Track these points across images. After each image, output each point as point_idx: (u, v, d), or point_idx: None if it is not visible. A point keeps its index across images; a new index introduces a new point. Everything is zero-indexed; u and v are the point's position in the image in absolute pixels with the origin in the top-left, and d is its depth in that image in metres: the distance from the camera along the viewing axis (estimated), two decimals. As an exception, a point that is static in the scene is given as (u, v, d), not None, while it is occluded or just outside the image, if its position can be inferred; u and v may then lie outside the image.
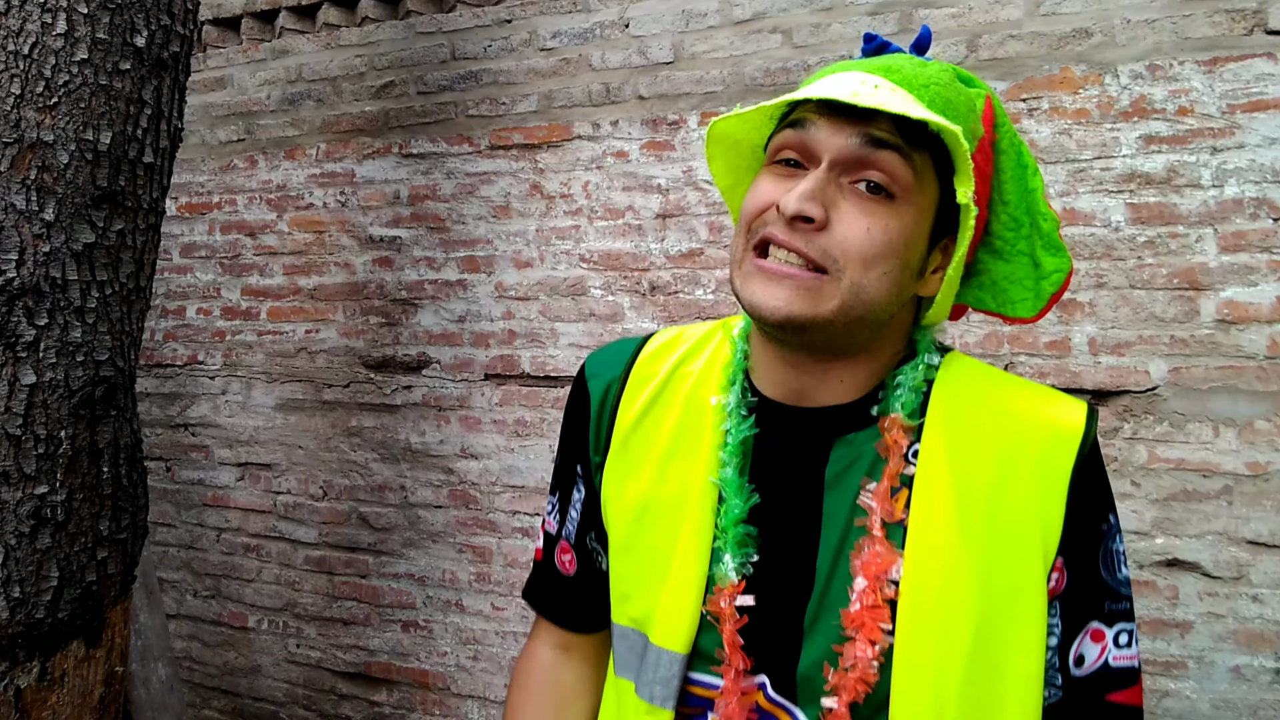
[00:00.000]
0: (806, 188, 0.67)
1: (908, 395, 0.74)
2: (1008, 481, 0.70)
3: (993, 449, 0.71)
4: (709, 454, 0.77)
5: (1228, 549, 1.89)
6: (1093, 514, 0.72)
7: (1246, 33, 1.87)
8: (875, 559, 0.69)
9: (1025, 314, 0.80)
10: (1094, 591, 0.72)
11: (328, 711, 2.86)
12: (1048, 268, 0.77)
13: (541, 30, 2.52)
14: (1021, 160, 0.78)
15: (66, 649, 1.68)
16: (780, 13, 2.26)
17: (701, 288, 2.35)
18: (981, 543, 0.69)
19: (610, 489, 0.83)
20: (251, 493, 2.97)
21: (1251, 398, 1.88)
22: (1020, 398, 0.75)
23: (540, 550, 0.94)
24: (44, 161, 1.62)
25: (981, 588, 0.68)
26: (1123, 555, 0.74)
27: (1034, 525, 0.69)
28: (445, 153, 2.66)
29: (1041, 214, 0.77)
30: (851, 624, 0.69)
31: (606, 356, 0.89)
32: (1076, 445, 0.71)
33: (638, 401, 0.83)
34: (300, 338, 2.87)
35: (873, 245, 0.67)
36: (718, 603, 0.73)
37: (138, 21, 1.71)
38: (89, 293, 1.68)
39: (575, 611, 0.92)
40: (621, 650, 0.81)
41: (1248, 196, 1.87)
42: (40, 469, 1.62)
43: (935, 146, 0.70)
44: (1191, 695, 1.92)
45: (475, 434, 2.63)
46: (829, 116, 0.69)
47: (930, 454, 0.71)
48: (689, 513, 0.76)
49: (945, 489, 0.70)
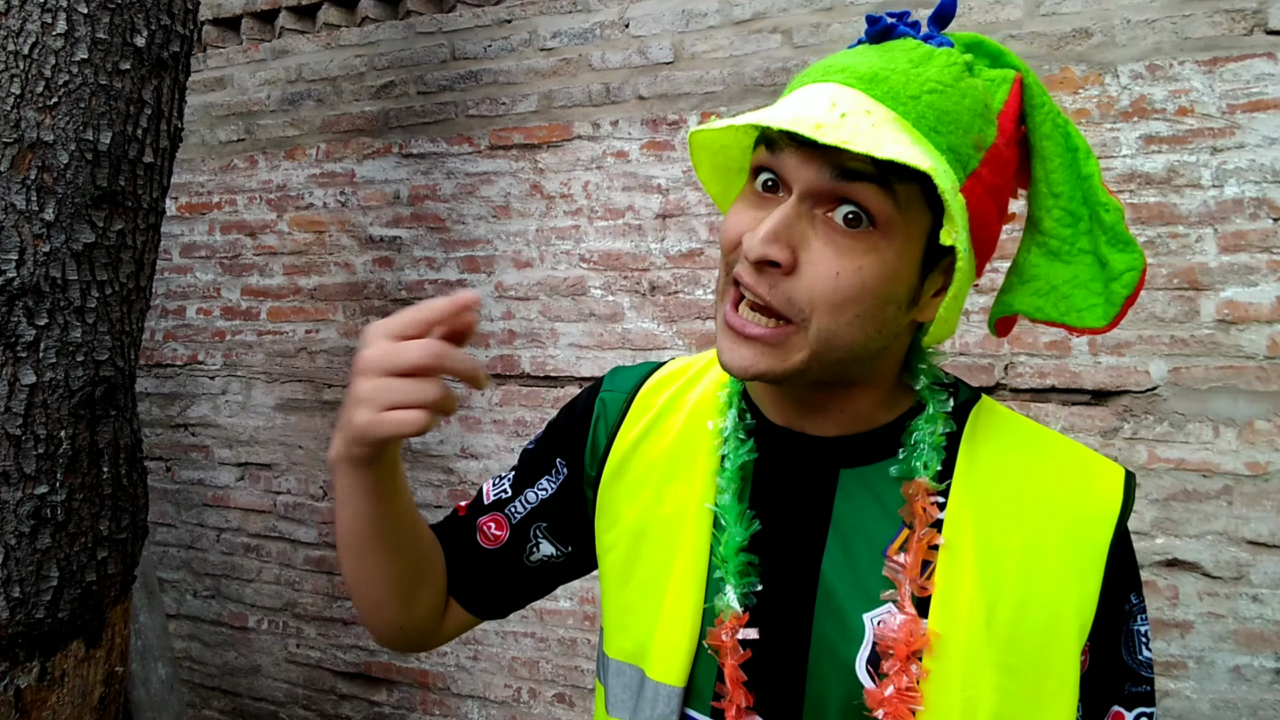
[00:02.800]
0: (770, 228, 0.61)
1: (929, 455, 0.68)
2: (1039, 553, 0.66)
3: (1023, 517, 0.67)
4: (705, 479, 0.74)
5: (1228, 549, 1.89)
6: (1121, 592, 0.68)
7: (1246, 33, 1.87)
8: (908, 637, 0.64)
9: (1095, 323, 0.69)
10: (1115, 674, 0.69)
11: (328, 711, 2.86)
12: (1117, 267, 0.67)
13: (541, 30, 2.52)
14: (1070, 143, 0.68)
15: (66, 649, 1.68)
16: (780, 13, 2.25)
17: (701, 288, 2.35)
18: (1008, 620, 0.64)
19: (605, 517, 0.80)
20: (251, 493, 2.97)
21: (1251, 398, 1.88)
22: (1055, 461, 0.69)
23: (464, 507, 0.88)
24: (44, 161, 1.62)
25: (1006, 667, 0.64)
26: (1145, 636, 0.70)
27: (1068, 601, 0.64)
28: (445, 153, 2.66)
29: (1102, 204, 0.67)
30: (878, 705, 0.64)
31: (625, 376, 0.86)
32: (1115, 521, 0.66)
33: (635, 430, 0.80)
34: (300, 338, 2.87)
35: (842, 290, 0.61)
36: (719, 635, 0.69)
37: (138, 21, 1.71)
38: (89, 293, 1.68)
39: (469, 582, 0.85)
40: (617, 689, 0.77)
41: (1248, 196, 1.87)
42: (40, 469, 1.62)
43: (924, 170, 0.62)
44: (1191, 695, 1.92)
45: (475, 434, 2.63)
46: (797, 145, 0.62)
47: (956, 522, 0.67)
48: (685, 539, 0.73)
49: (970, 561, 0.66)
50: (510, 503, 0.85)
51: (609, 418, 0.83)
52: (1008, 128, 0.66)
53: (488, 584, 0.86)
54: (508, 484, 0.87)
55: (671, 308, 2.38)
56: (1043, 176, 0.69)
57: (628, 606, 0.76)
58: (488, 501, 0.86)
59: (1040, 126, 0.68)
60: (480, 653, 2.63)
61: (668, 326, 2.39)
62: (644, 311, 2.41)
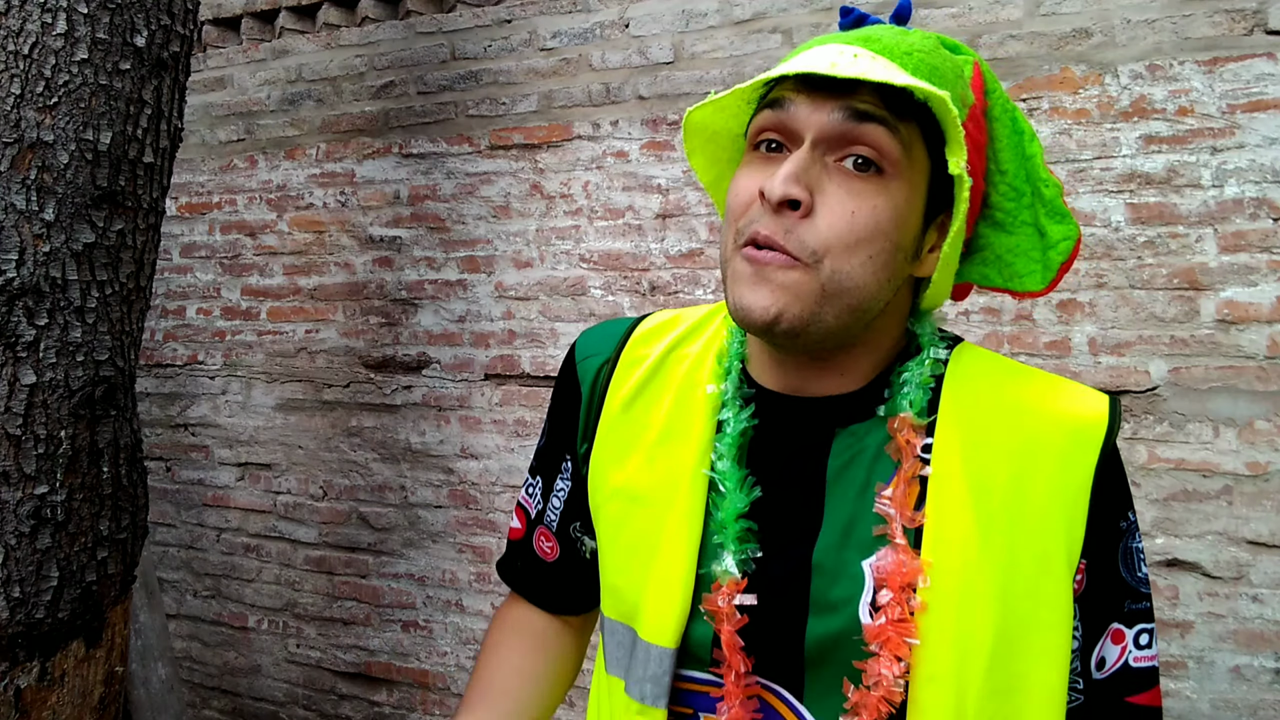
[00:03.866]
0: (789, 170, 0.63)
1: (915, 392, 0.70)
2: (1027, 480, 0.67)
3: (1010, 446, 0.68)
4: (702, 444, 0.73)
5: (1228, 549, 1.89)
6: (1114, 512, 0.69)
7: (1246, 33, 1.87)
8: (900, 569, 0.65)
9: (1034, 287, 0.75)
10: (1114, 591, 0.70)
11: (328, 711, 2.86)
12: (1054, 236, 0.73)
13: (541, 30, 2.52)
14: (1017, 126, 0.73)
15: (66, 649, 1.68)
16: (780, 13, 2.26)
17: (701, 288, 2.35)
18: (1002, 547, 0.65)
19: (596, 477, 0.80)
20: (251, 493, 2.97)
21: (1251, 398, 1.88)
22: (1037, 390, 0.71)
23: (519, 530, 0.91)
24: (44, 161, 1.62)
25: (1002, 595, 0.64)
26: (1141, 553, 0.71)
27: (1057, 526, 0.66)
28: (445, 153, 2.66)
29: (1043, 180, 0.73)
30: (875, 638, 0.65)
31: (597, 336, 0.85)
32: (1100, 441, 0.67)
33: (627, 384, 0.79)
34: (300, 338, 2.87)
35: (857, 230, 0.63)
36: (715, 600, 0.69)
37: (138, 21, 1.71)
38: (89, 293, 1.68)
39: (557, 595, 0.90)
40: (611, 646, 0.78)
41: (1248, 196, 1.87)
42: (40, 469, 1.62)
43: (923, 117, 0.66)
44: (1191, 695, 1.92)
45: (475, 434, 2.63)
46: (808, 93, 0.65)
47: (944, 454, 0.68)
48: (678, 502, 0.73)
49: (961, 491, 0.66)
50: (545, 513, 0.88)
51: (592, 382, 0.82)
52: (979, 97, 0.71)
53: (570, 588, 0.89)
54: (538, 493, 0.89)
55: (671, 308, 2.38)
56: (992, 156, 0.74)
57: (619, 567, 0.77)
58: (533, 516, 0.89)
59: (992, 109, 0.73)
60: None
61: (668, 326, 2.38)
62: (644, 311, 2.41)
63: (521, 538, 0.90)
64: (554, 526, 0.87)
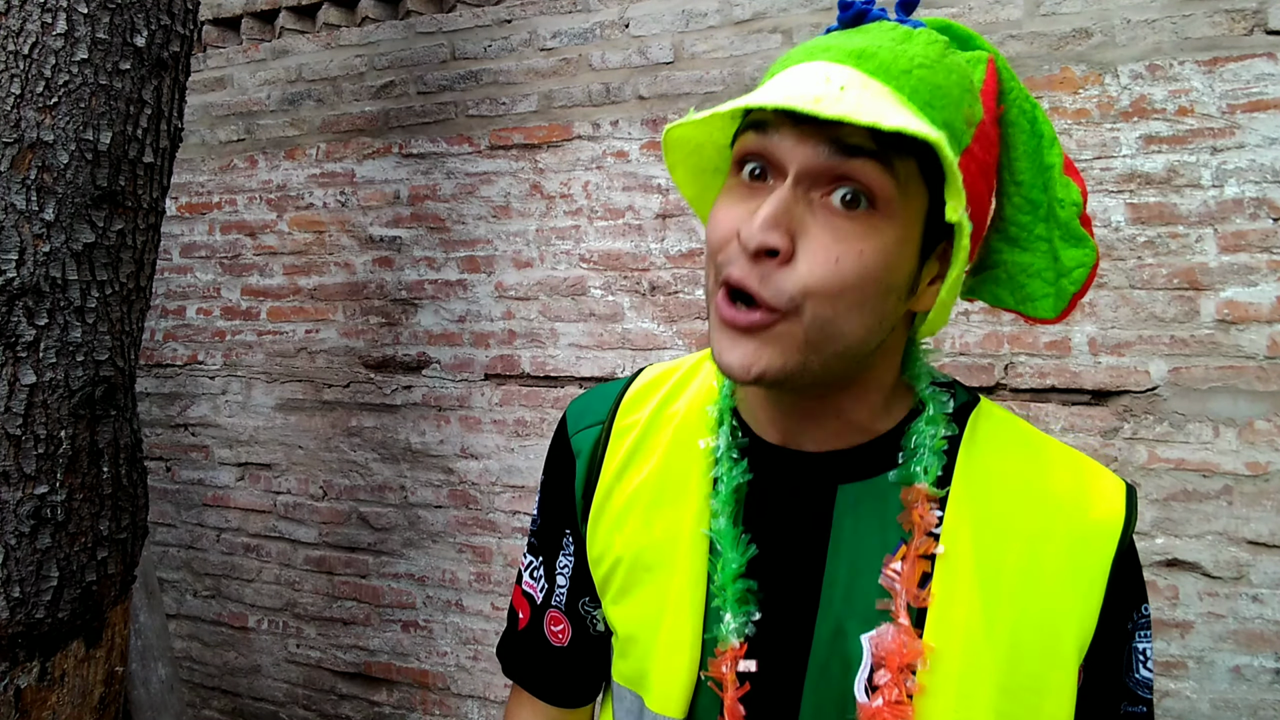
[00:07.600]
0: (767, 214, 0.58)
1: (930, 460, 0.66)
2: (1038, 568, 0.64)
3: (1023, 529, 0.65)
4: (699, 502, 0.71)
5: (1228, 549, 1.89)
6: (1125, 610, 0.66)
7: (1246, 33, 1.87)
8: (900, 649, 0.63)
9: (1046, 314, 0.70)
10: (1112, 693, 0.67)
11: (328, 711, 2.86)
12: (1067, 262, 0.67)
13: (541, 30, 2.52)
14: (1035, 129, 0.67)
15: (66, 649, 1.68)
16: (780, 13, 2.26)
17: (701, 287, 2.35)
18: (1006, 635, 0.63)
19: (596, 547, 0.77)
20: (251, 493, 2.97)
21: (1251, 398, 1.88)
22: (1055, 471, 0.67)
23: (524, 619, 0.85)
24: (44, 161, 1.62)
25: (1003, 684, 0.62)
26: (1147, 654, 0.68)
27: (1068, 619, 0.63)
28: (445, 153, 2.66)
29: (1058, 199, 0.66)
30: (870, 719, 0.63)
31: (588, 405, 0.82)
32: (1118, 535, 0.64)
33: (620, 452, 0.77)
34: (300, 338, 2.87)
35: (842, 277, 0.58)
36: (719, 667, 0.67)
37: (138, 21, 1.71)
38: (89, 293, 1.68)
39: (569, 686, 0.84)
40: (620, 713, 0.76)
41: (1248, 196, 1.87)
42: (40, 469, 1.62)
43: (920, 149, 0.59)
44: (1191, 695, 1.92)
45: (475, 434, 2.63)
46: (793, 122, 0.59)
47: (955, 531, 0.65)
48: (679, 565, 0.70)
49: (969, 573, 0.64)
50: (553, 594, 0.83)
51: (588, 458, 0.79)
52: (990, 105, 0.65)
53: (582, 675, 0.84)
54: (541, 575, 0.84)
55: (671, 308, 2.38)
56: (1006, 163, 0.68)
57: (626, 634, 0.74)
58: (539, 601, 0.84)
59: (1007, 113, 0.67)
60: (480, 653, 2.63)
61: (668, 326, 2.39)
62: (644, 311, 2.42)
63: (528, 625, 0.85)
64: (563, 605, 0.83)
